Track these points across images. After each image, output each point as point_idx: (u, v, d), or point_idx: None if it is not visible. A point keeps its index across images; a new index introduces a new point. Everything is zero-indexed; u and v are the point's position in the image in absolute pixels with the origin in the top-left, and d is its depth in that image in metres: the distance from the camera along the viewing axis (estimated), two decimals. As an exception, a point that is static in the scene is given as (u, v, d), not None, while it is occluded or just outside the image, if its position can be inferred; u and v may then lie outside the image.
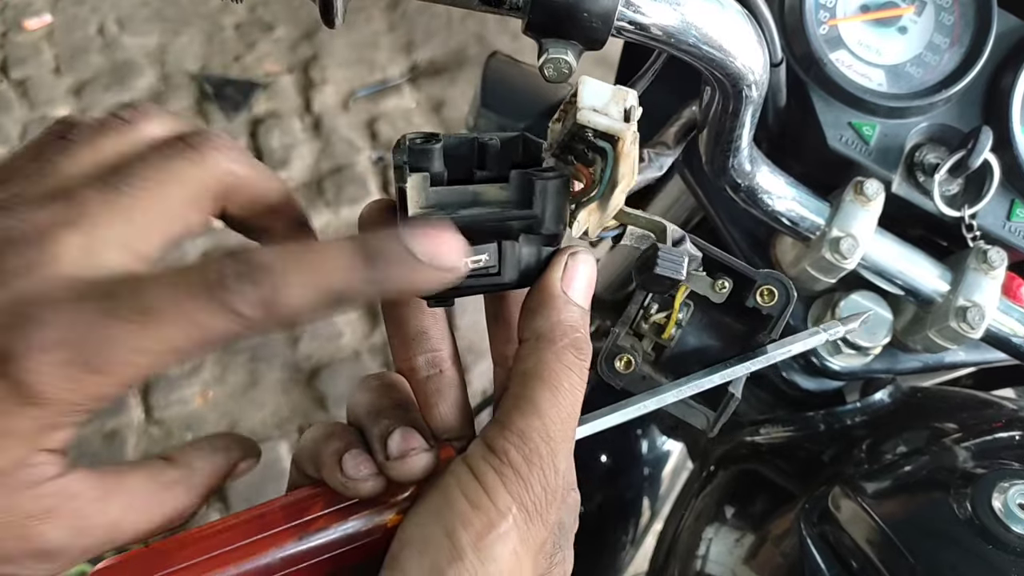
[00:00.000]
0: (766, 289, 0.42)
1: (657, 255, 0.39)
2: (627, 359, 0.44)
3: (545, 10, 0.35)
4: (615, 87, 0.37)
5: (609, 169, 0.37)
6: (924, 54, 0.59)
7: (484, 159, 0.40)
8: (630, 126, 0.36)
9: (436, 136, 0.39)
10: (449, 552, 0.32)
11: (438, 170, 0.38)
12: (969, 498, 0.50)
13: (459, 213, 0.36)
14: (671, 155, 0.58)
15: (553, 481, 0.34)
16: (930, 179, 0.57)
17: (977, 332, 0.55)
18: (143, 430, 1.97)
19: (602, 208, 0.38)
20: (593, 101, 0.36)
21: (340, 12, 0.35)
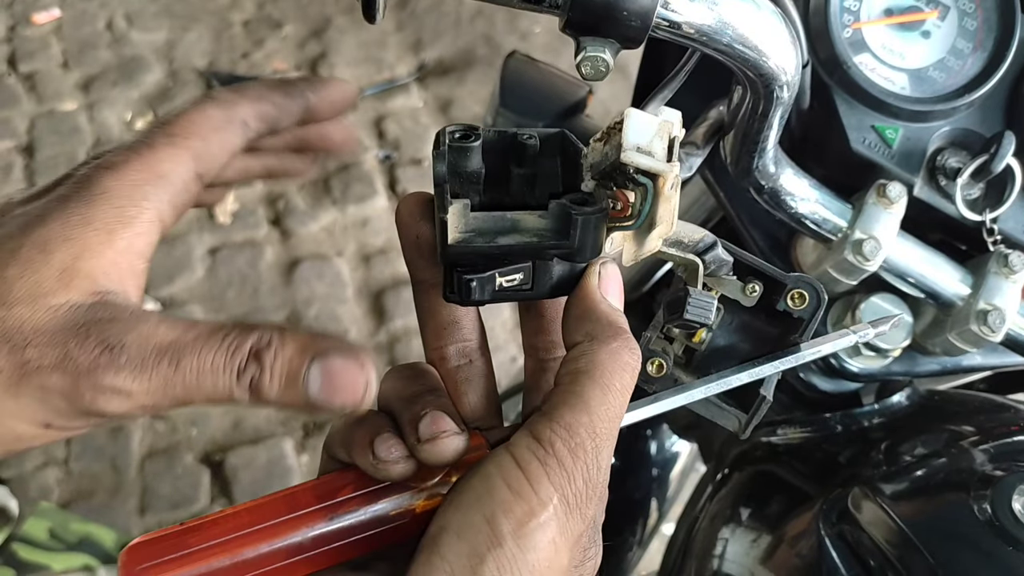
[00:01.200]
0: (797, 293, 0.42)
1: (688, 301, 0.40)
2: (659, 363, 0.44)
3: (584, 8, 0.35)
4: (660, 120, 0.37)
5: (648, 205, 0.37)
6: (947, 58, 0.59)
7: (522, 156, 0.40)
8: (673, 166, 0.37)
9: (475, 131, 0.39)
10: (488, 538, 0.33)
11: (476, 167, 0.39)
12: (989, 500, 0.50)
13: (498, 241, 0.37)
14: (700, 155, 0.58)
15: (595, 476, 0.34)
16: (952, 183, 0.57)
17: (997, 335, 0.56)
18: (148, 425, 1.97)
19: (637, 242, 0.39)
20: (638, 139, 0.36)
21: (381, 7, 0.35)
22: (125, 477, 1.90)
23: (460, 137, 0.39)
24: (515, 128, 0.41)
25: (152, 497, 1.88)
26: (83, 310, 0.35)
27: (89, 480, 1.89)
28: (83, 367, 0.33)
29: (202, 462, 1.94)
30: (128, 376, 0.34)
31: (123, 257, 0.37)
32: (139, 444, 1.95)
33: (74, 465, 1.90)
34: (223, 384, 0.35)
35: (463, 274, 0.37)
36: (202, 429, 1.98)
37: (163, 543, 0.35)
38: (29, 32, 2.77)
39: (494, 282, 0.38)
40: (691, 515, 0.75)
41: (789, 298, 0.42)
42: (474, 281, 0.37)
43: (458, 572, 0.33)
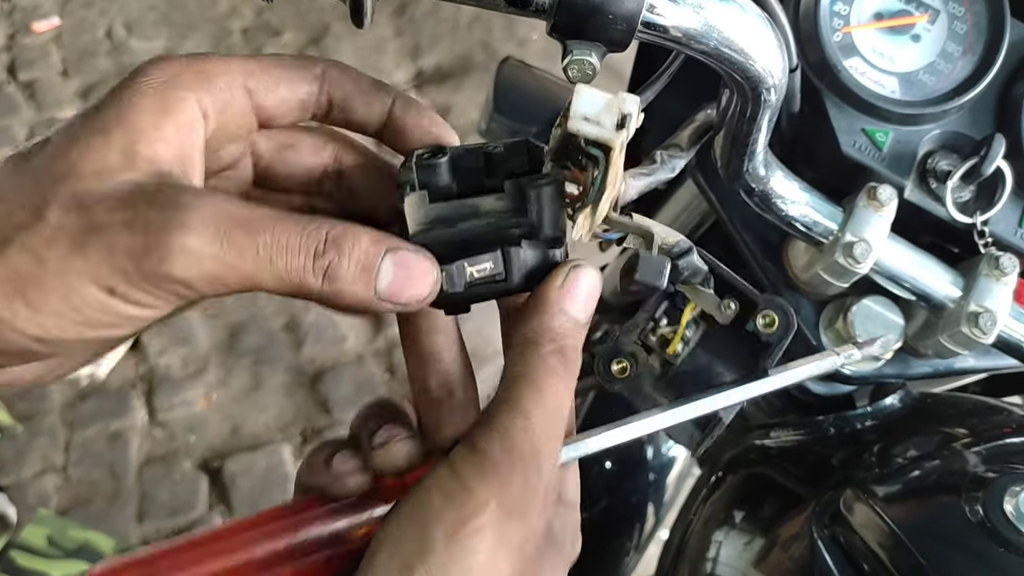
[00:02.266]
0: (767, 314, 0.42)
1: (638, 262, 0.39)
2: (624, 365, 0.44)
3: (571, 12, 0.36)
4: (611, 96, 0.37)
5: (600, 176, 0.38)
6: (937, 62, 0.59)
7: (491, 168, 0.41)
8: (619, 135, 0.37)
9: (443, 150, 0.40)
10: (419, 546, 0.33)
11: (445, 183, 0.40)
12: (981, 502, 0.50)
13: (458, 227, 0.37)
14: (684, 157, 0.58)
15: (535, 481, 0.34)
16: (942, 186, 0.57)
17: (989, 337, 0.56)
18: (147, 432, 1.97)
19: (594, 214, 0.39)
20: (585, 110, 0.37)
21: (369, 12, 0.35)
22: (123, 484, 1.90)
23: (428, 156, 0.40)
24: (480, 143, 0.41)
25: (150, 504, 1.89)
26: (151, 184, 0.34)
27: (87, 487, 1.89)
28: (153, 224, 0.32)
29: (200, 469, 1.94)
30: (198, 236, 0.32)
31: (174, 144, 0.36)
32: (137, 451, 1.95)
33: (72, 472, 1.91)
34: (297, 264, 0.34)
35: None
36: (200, 436, 1.98)
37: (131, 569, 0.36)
38: (29, 40, 2.78)
39: (464, 272, 0.37)
40: (685, 519, 0.75)
41: (759, 319, 0.42)
42: (443, 271, 0.37)
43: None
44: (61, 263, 0.32)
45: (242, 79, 0.39)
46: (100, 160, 0.34)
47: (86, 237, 0.33)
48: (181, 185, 0.35)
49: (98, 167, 0.34)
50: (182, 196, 0.34)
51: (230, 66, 0.38)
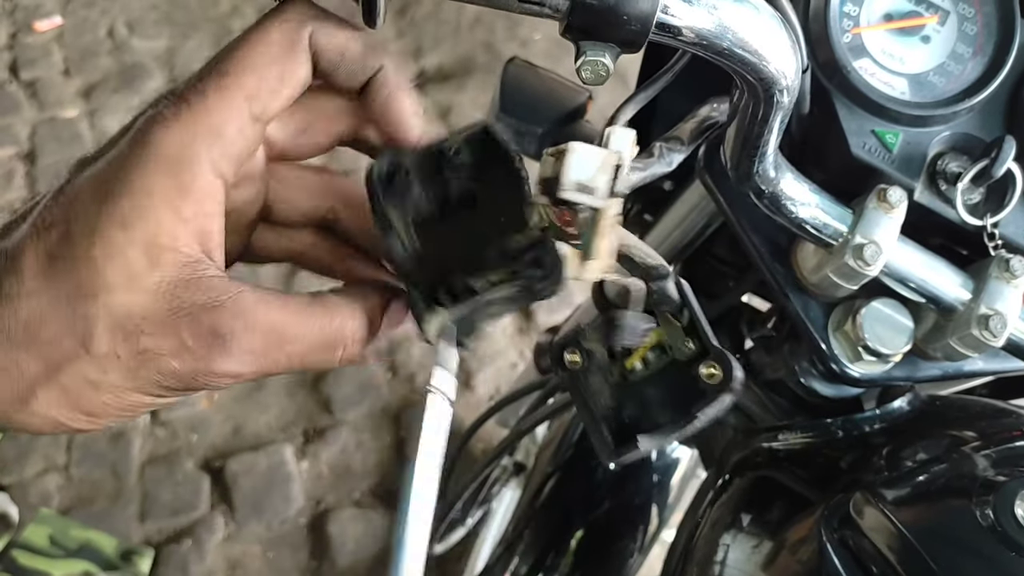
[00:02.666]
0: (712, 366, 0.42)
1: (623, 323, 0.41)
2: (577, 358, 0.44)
3: (585, 12, 0.35)
4: (605, 152, 0.37)
5: (588, 233, 0.38)
6: (947, 63, 0.59)
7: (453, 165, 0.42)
8: (612, 203, 0.37)
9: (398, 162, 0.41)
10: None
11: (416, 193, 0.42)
12: (991, 506, 0.50)
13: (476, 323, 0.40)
14: (683, 152, 0.58)
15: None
16: (952, 188, 0.57)
17: (999, 340, 0.55)
18: (149, 432, 1.97)
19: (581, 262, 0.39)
20: (579, 174, 0.37)
21: (382, 11, 0.35)
22: (125, 483, 1.90)
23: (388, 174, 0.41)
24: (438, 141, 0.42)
25: (152, 504, 1.88)
26: (181, 288, 0.36)
27: (89, 486, 1.89)
28: (199, 355, 0.36)
29: (202, 468, 1.94)
30: (238, 362, 0.37)
31: (194, 224, 0.37)
32: (139, 450, 1.95)
33: (74, 471, 1.90)
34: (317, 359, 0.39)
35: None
36: (202, 435, 1.98)
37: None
38: (31, 39, 2.77)
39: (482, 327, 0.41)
40: (692, 521, 0.74)
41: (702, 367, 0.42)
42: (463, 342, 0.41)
43: None
44: (115, 386, 0.36)
45: (247, 109, 0.38)
46: (125, 263, 0.35)
47: (137, 366, 0.36)
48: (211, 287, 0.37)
49: (125, 272, 0.35)
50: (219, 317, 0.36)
51: (233, 102, 0.37)
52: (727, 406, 0.42)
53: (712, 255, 0.82)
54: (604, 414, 0.46)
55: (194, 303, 0.36)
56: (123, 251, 0.35)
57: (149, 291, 0.35)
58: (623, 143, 0.40)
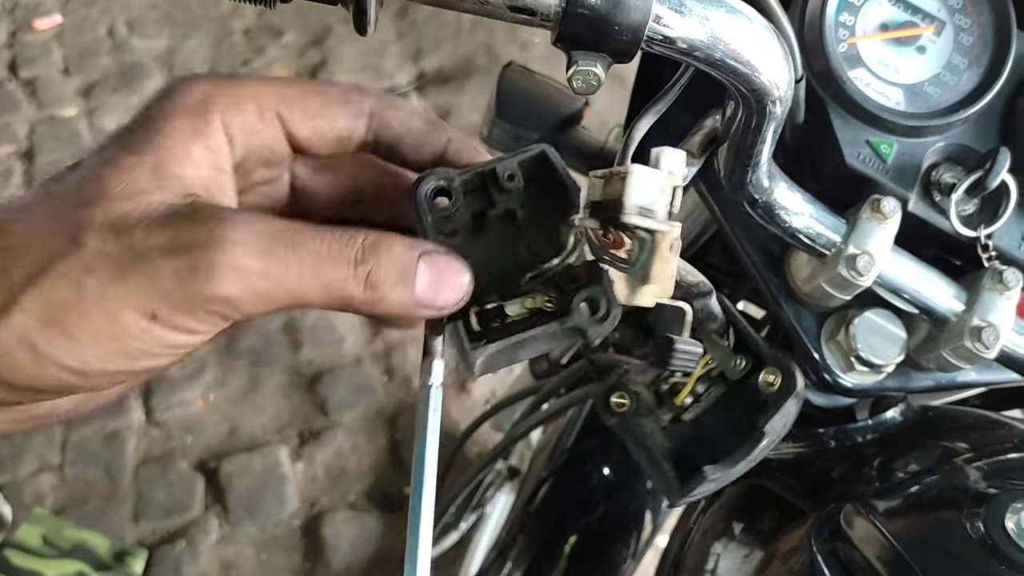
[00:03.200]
0: (772, 371, 0.40)
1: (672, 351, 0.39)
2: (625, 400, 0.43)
3: (576, 22, 0.35)
4: (663, 175, 0.37)
5: (645, 256, 0.37)
6: (942, 74, 0.59)
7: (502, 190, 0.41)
8: (673, 227, 0.37)
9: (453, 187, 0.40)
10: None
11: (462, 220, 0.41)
12: (982, 518, 0.50)
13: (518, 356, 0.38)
14: (695, 165, 0.58)
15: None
16: (947, 199, 0.57)
17: (992, 352, 0.55)
18: (143, 432, 1.97)
19: (631, 287, 0.38)
20: (640, 199, 0.36)
21: (373, 19, 0.35)
22: (119, 484, 1.90)
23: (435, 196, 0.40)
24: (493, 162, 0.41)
25: (146, 504, 1.88)
26: (184, 209, 0.35)
27: (83, 486, 1.89)
28: (195, 244, 0.33)
29: (197, 469, 1.94)
30: (243, 251, 0.33)
31: (204, 167, 0.37)
32: (134, 451, 1.94)
33: (68, 471, 1.90)
34: (340, 275, 0.35)
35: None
36: (197, 436, 1.97)
37: None
38: (30, 38, 2.77)
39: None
40: (684, 528, 0.74)
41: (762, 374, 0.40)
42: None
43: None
44: (101, 290, 0.32)
45: (276, 104, 0.39)
46: (131, 180, 0.34)
47: (126, 262, 0.32)
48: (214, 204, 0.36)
49: (129, 188, 0.34)
50: (220, 213, 0.34)
51: (263, 90, 0.39)
52: (792, 417, 0.40)
53: (706, 262, 0.82)
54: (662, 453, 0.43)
55: (195, 212, 0.34)
56: (131, 170, 0.35)
57: (150, 205, 0.34)
58: (675, 164, 0.39)
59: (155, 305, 0.32)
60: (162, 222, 0.33)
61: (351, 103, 0.40)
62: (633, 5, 0.35)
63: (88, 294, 0.32)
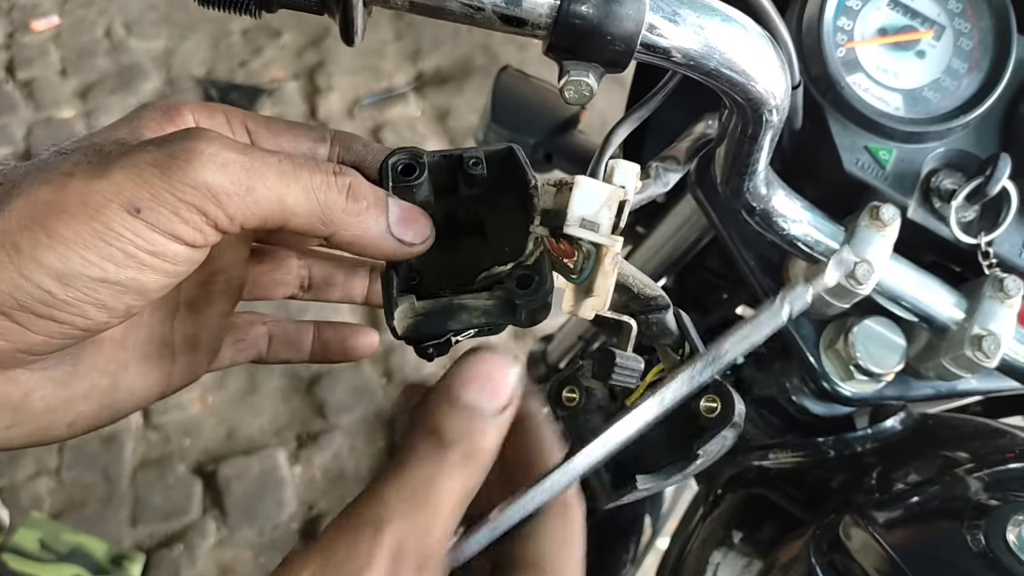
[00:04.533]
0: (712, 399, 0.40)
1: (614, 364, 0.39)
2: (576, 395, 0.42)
3: (567, 32, 0.35)
4: (610, 189, 0.37)
5: (589, 269, 0.38)
6: (942, 79, 0.58)
7: (470, 180, 0.41)
8: (615, 242, 0.37)
9: (419, 160, 0.40)
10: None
11: (424, 197, 0.40)
12: (983, 530, 0.49)
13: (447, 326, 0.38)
14: (679, 171, 0.57)
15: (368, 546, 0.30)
16: (947, 205, 0.56)
17: (992, 361, 0.55)
18: (141, 435, 1.96)
19: (576, 298, 0.39)
20: (583, 210, 0.37)
21: (360, 29, 0.34)
22: (117, 487, 1.89)
23: (403, 171, 0.40)
24: (460, 149, 0.41)
25: (144, 508, 1.87)
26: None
27: (81, 490, 1.88)
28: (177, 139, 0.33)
29: (194, 472, 1.93)
30: (222, 144, 0.33)
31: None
32: (131, 454, 1.94)
33: (66, 475, 1.89)
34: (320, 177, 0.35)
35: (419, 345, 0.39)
36: (195, 439, 1.97)
37: None
38: (28, 39, 2.76)
39: (451, 342, 0.39)
40: (683, 536, 0.74)
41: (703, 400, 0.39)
42: (431, 349, 0.39)
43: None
44: (84, 187, 0.32)
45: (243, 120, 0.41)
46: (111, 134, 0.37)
47: (110, 158, 0.32)
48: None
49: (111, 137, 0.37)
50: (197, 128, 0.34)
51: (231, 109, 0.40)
52: (729, 442, 0.40)
53: (705, 268, 0.82)
54: None
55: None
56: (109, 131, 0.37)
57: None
58: (627, 178, 0.39)
59: (138, 197, 0.32)
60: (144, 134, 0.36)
61: (315, 130, 0.41)
62: (626, 14, 0.34)
63: (71, 192, 0.32)
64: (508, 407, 0.34)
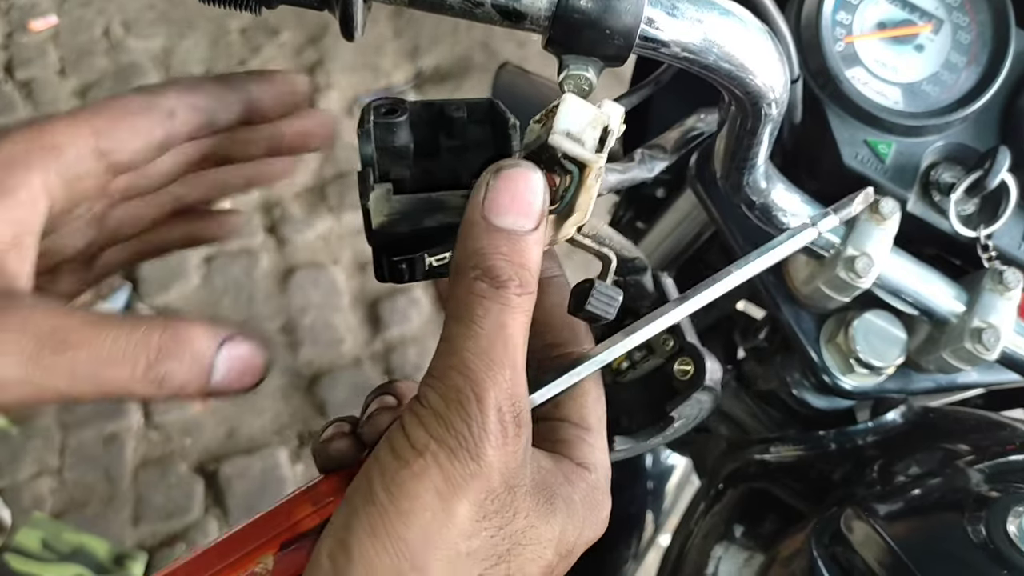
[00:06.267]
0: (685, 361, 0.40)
1: (592, 291, 0.39)
2: None
3: (566, 26, 0.35)
4: (596, 110, 0.37)
5: (572, 192, 0.37)
6: (941, 72, 0.58)
7: (451, 128, 0.40)
8: (599, 157, 0.36)
9: (402, 105, 0.39)
10: (364, 495, 0.32)
11: (404, 142, 0.39)
12: (984, 522, 0.49)
13: (424, 223, 0.37)
14: (665, 160, 0.57)
15: (478, 415, 0.32)
16: (946, 198, 0.56)
17: (993, 354, 0.55)
18: (142, 435, 1.96)
19: (555, 227, 0.38)
20: (569, 124, 0.36)
21: (360, 25, 0.34)
22: (119, 487, 1.89)
23: (386, 112, 0.39)
24: (442, 99, 0.40)
25: (146, 507, 1.87)
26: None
27: (82, 490, 1.88)
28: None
29: (196, 472, 1.93)
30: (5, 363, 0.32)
31: (9, 231, 0.35)
32: (133, 454, 1.94)
33: (67, 475, 1.89)
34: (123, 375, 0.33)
35: (391, 257, 0.38)
36: (196, 439, 1.97)
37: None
38: (26, 39, 2.76)
39: (424, 262, 0.38)
40: (684, 531, 0.74)
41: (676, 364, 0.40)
42: (403, 263, 0.38)
43: (337, 531, 0.32)
44: None
45: (93, 141, 0.38)
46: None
47: None
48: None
49: None
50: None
51: (79, 131, 0.38)
52: (705, 406, 0.40)
53: (705, 263, 0.82)
54: None
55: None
56: None
57: None
58: (612, 109, 0.38)
59: None
60: None
61: (156, 108, 0.39)
62: (624, 8, 0.35)
63: None
64: (542, 216, 0.35)
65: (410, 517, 0.31)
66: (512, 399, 0.33)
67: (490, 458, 0.32)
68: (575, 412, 0.39)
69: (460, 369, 0.33)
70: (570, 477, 0.37)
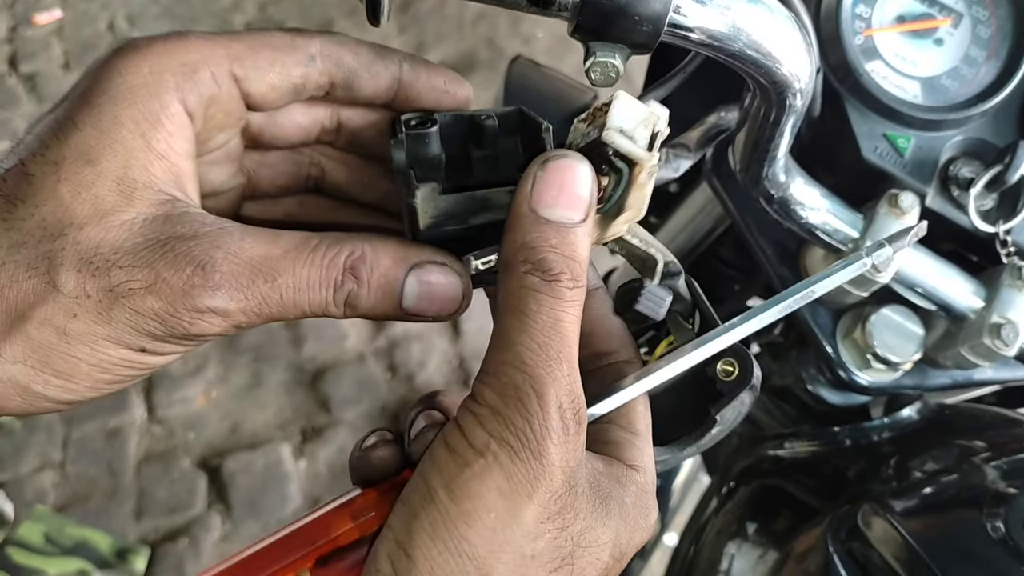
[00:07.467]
0: (729, 362, 0.40)
1: (641, 291, 0.38)
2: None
3: (595, 12, 0.34)
4: (648, 108, 0.36)
5: (621, 190, 0.37)
6: (960, 67, 0.58)
7: (481, 137, 0.40)
8: (652, 156, 0.36)
9: (432, 118, 0.39)
10: (423, 496, 0.32)
11: (436, 153, 0.39)
12: (1002, 518, 0.49)
13: (469, 221, 0.37)
14: (690, 158, 0.57)
15: (538, 411, 0.31)
16: (965, 193, 0.56)
17: (1011, 350, 0.54)
18: (145, 429, 1.96)
19: (603, 226, 0.38)
20: (622, 122, 0.36)
21: (386, 11, 0.34)
22: (121, 481, 1.89)
23: (417, 124, 0.38)
24: (471, 110, 0.40)
25: (148, 502, 1.87)
26: (158, 223, 0.33)
27: (85, 484, 1.88)
28: (177, 289, 0.32)
29: (199, 467, 1.93)
30: (224, 295, 0.32)
31: (168, 159, 0.34)
32: (136, 448, 1.93)
33: (70, 469, 1.89)
34: (319, 300, 0.34)
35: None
36: (199, 433, 1.97)
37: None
38: (30, 33, 2.76)
39: (471, 265, 0.37)
40: (696, 528, 0.73)
41: (719, 364, 0.39)
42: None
43: (397, 535, 0.32)
44: (87, 333, 0.32)
45: (228, 65, 0.36)
46: (95, 199, 0.33)
47: (109, 305, 0.32)
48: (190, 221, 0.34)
49: (96, 208, 0.32)
50: (198, 246, 0.33)
51: (215, 51, 0.36)
52: (747, 406, 0.40)
53: (718, 258, 0.81)
54: None
55: (172, 235, 0.33)
56: (91, 187, 0.32)
57: (122, 228, 0.32)
58: (661, 111, 0.38)
59: (142, 341, 0.33)
60: (140, 258, 0.32)
61: (299, 49, 0.38)
62: (654, -6, 0.34)
63: (75, 337, 0.32)
64: (591, 208, 0.35)
65: (473, 518, 0.31)
66: (571, 395, 0.32)
67: (552, 457, 0.31)
68: (623, 417, 0.38)
69: (517, 365, 0.32)
70: (621, 479, 0.36)
